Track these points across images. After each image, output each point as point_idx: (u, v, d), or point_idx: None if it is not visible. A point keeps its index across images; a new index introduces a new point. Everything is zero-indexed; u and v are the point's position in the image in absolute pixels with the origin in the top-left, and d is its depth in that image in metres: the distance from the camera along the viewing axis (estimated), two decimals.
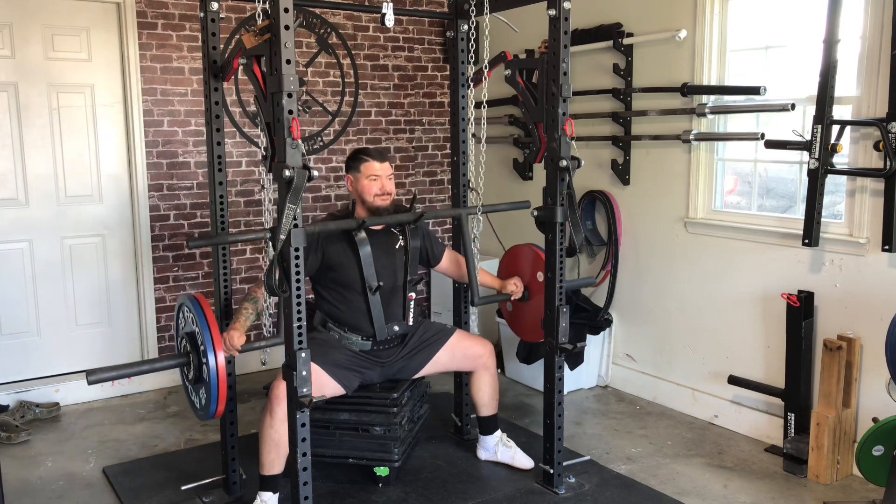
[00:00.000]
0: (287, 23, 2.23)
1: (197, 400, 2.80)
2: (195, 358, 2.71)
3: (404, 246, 3.17)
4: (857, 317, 3.23)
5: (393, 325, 3.11)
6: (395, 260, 3.15)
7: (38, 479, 3.32)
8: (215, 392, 2.62)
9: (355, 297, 3.06)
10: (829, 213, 3.34)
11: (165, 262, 4.40)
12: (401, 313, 3.16)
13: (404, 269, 3.16)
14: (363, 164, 3.08)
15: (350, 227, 3.01)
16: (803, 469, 3.25)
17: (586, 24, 4.24)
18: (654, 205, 4.07)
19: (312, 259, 3.01)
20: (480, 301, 3.27)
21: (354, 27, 4.83)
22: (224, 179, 2.91)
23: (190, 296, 2.74)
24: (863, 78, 3.15)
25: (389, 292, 3.11)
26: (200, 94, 4.29)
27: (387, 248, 3.14)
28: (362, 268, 3.02)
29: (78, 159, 4.21)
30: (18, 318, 4.16)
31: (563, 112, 2.88)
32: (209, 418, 2.75)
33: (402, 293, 3.16)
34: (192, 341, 2.72)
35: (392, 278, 3.12)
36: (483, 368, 3.29)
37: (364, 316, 3.06)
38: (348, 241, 3.04)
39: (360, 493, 3.11)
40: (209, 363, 2.60)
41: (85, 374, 2.57)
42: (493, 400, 3.34)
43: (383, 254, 3.11)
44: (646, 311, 4.18)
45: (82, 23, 4.13)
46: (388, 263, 3.12)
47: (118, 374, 2.69)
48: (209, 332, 2.62)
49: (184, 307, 2.78)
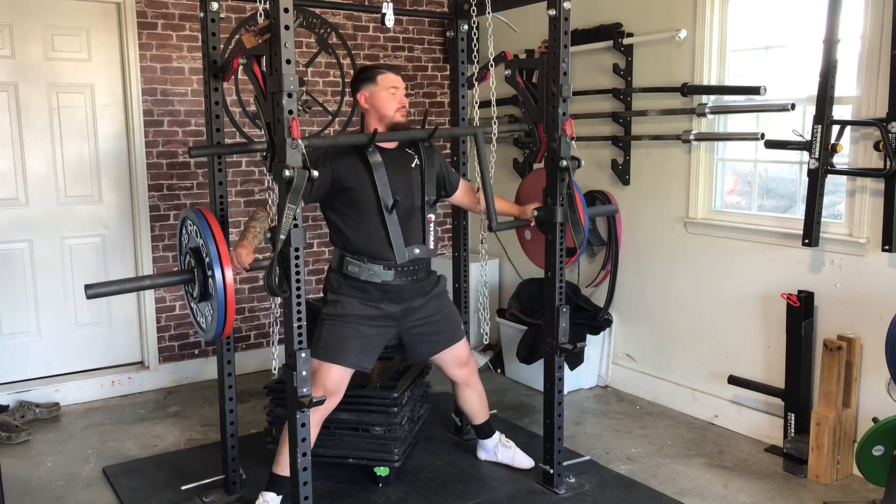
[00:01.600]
0: (287, 23, 2.23)
1: (203, 319, 2.64)
2: (200, 273, 2.53)
3: (420, 165, 2.94)
4: (857, 317, 3.23)
5: (413, 247, 2.87)
6: (412, 179, 2.92)
7: (38, 479, 3.32)
8: (223, 308, 2.45)
9: (371, 218, 2.83)
10: (829, 213, 3.34)
11: (165, 263, 4.40)
12: (420, 236, 2.91)
13: (421, 189, 2.92)
14: (380, 75, 2.88)
15: (361, 141, 2.77)
16: (803, 469, 3.25)
17: (586, 24, 4.24)
18: (654, 205, 4.07)
19: (321, 176, 2.68)
20: (499, 226, 3.06)
21: (354, 27, 4.83)
22: (224, 179, 2.90)
23: (195, 209, 2.58)
24: (863, 78, 3.15)
25: (407, 213, 2.89)
26: (200, 94, 4.29)
27: (402, 166, 2.91)
28: (377, 186, 2.79)
29: (78, 159, 4.21)
30: (18, 318, 4.16)
31: (563, 112, 2.88)
32: (215, 338, 2.60)
33: (421, 214, 2.92)
34: (196, 256, 2.54)
35: (409, 198, 2.89)
36: (465, 384, 3.23)
37: (382, 239, 2.83)
38: (360, 158, 2.81)
39: (360, 493, 3.11)
40: (216, 278, 2.43)
41: (84, 288, 2.42)
42: (483, 408, 3.32)
43: (398, 172, 2.87)
44: (646, 311, 4.18)
45: (82, 23, 4.13)
46: (403, 183, 2.88)
47: (118, 289, 2.57)
48: (215, 246, 2.45)
49: (187, 221, 2.60)
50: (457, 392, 3.30)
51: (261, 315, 4.73)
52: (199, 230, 2.51)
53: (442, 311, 3.07)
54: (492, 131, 3.13)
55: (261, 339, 4.75)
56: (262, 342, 4.75)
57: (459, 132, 3.36)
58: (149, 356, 4.42)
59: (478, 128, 3.15)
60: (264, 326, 4.75)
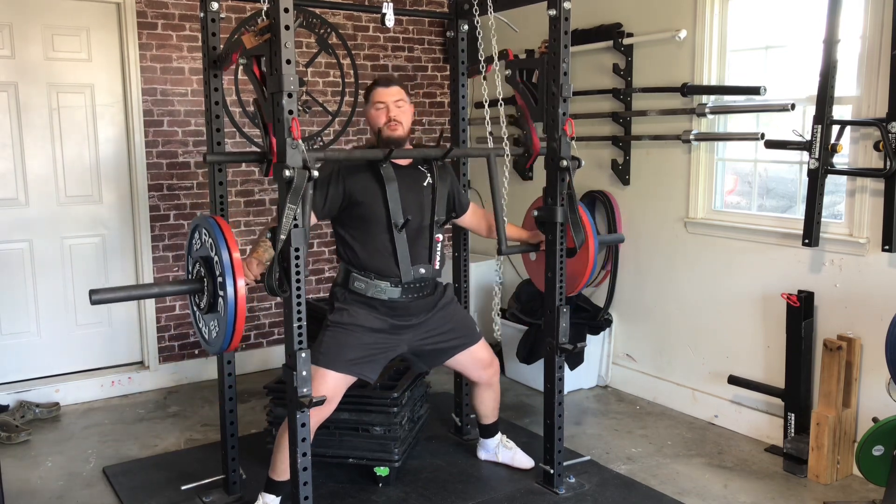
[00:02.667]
0: (287, 23, 2.23)
1: (206, 331, 2.54)
2: (210, 284, 2.43)
3: (432, 184, 2.95)
4: (857, 317, 3.23)
5: (419, 266, 2.89)
6: (423, 198, 2.93)
7: (38, 479, 3.32)
8: (231, 323, 2.35)
9: (380, 234, 2.84)
10: (829, 213, 3.34)
11: (165, 262, 4.40)
12: (427, 255, 2.93)
13: (431, 208, 2.94)
14: (370, 92, 2.89)
15: (376, 157, 2.77)
16: (803, 469, 3.25)
17: (586, 24, 4.24)
18: (654, 205, 4.07)
19: (334, 193, 2.76)
20: (508, 249, 3.08)
21: (354, 27, 4.83)
22: (224, 179, 2.90)
23: (208, 217, 2.47)
24: (863, 78, 3.15)
25: (415, 231, 2.90)
26: (200, 94, 4.29)
27: (413, 184, 2.92)
28: (388, 202, 2.80)
29: (78, 159, 4.21)
30: (18, 318, 4.16)
31: (564, 112, 2.88)
32: (220, 352, 2.52)
33: (429, 234, 2.94)
34: (207, 266, 2.44)
35: (419, 216, 2.90)
36: (487, 385, 3.24)
37: (389, 256, 2.84)
38: (373, 174, 2.82)
39: (360, 493, 3.11)
40: (227, 290, 2.32)
41: (88, 294, 2.32)
42: (495, 410, 3.33)
43: (409, 190, 2.88)
44: (646, 311, 4.18)
45: (82, 23, 4.13)
46: (414, 200, 2.89)
47: (125, 296, 2.49)
48: (229, 257, 2.33)
49: (200, 229, 2.49)
50: (475, 392, 3.29)
51: (261, 315, 4.73)
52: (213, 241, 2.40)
53: (451, 319, 3.05)
54: (504, 152, 3.11)
55: (261, 339, 4.75)
56: (262, 342, 4.75)
57: (475, 153, 3.35)
58: (149, 356, 4.42)
59: (491, 148, 3.12)
60: (264, 326, 4.75)
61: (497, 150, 3.11)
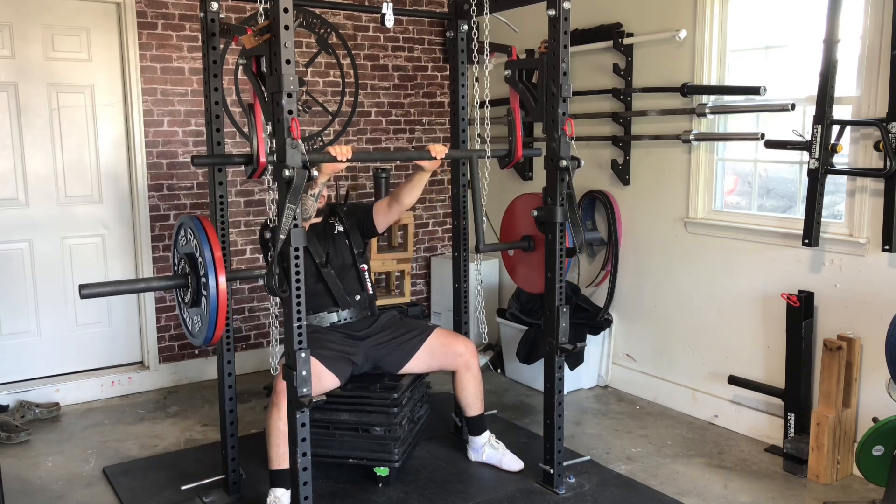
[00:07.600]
0: (287, 23, 2.23)
1: (192, 324, 2.67)
2: (193, 279, 2.56)
3: (343, 231, 3.34)
4: (857, 317, 3.23)
5: (354, 295, 3.26)
6: (339, 245, 3.32)
7: (38, 479, 3.32)
8: (214, 316, 2.48)
9: (310, 278, 3.12)
10: (829, 213, 3.34)
11: (165, 262, 4.40)
12: (358, 285, 3.32)
13: (349, 249, 3.33)
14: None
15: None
16: (803, 469, 3.25)
17: (586, 24, 4.24)
18: (654, 205, 4.07)
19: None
20: (486, 248, 3.18)
21: (354, 27, 4.83)
22: (224, 179, 2.91)
23: (192, 216, 2.59)
24: (863, 78, 3.15)
25: (341, 271, 3.27)
26: (200, 94, 4.29)
27: (327, 235, 3.31)
28: (309, 252, 3.17)
29: (78, 159, 4.21)
30: (18, 318, 4.16)
31: (563, 112, 2.88)
32: (203, 344, 2.62)
33: (355, 268, 3.33)
34: (191, 262, 2.57)
35: (340, 259, 3.30)
36: (465, 368, 3.28)
37: (325, 293, 3.21)
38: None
39: (360, 493, 3.11)
40: (209, 285, 2.44)
41: (78, 288, 2.44)
42: (479, 399, 3.34)
43: (326, 241, 3.29)
44: (646, 311, 4.18)
45: (82, 23, 4.13)
46: (332, 248, 3.29)
47: (112, 290, 2.64)
48: (210, 253, 2.46)
49: (185, 227, 2.63)
50: (455, 381, 3.34)
51: (261, 315, 4.73)
52: (195, 236, 2.53)
53: (396, 325, 3.31)
54: (486, 154, 3.18)
55: (261, 339, 4.75)
56: (262, 342, 4.75)
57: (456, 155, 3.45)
58: (149, 356, 4.42)
59: (472, 151, 3.22)
60: (264, 326, 4.75)
61: (478, 152, 3.18)
